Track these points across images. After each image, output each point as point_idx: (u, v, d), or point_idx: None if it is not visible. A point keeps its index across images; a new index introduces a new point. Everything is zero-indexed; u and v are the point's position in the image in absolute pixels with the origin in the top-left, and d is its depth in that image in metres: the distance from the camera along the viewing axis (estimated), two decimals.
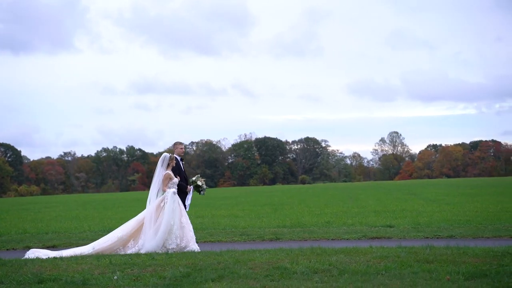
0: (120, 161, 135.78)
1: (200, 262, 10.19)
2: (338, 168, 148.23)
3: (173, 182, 13.22)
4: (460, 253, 10.39)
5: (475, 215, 21.48)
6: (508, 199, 30.52)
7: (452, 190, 45.59)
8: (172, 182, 13.21)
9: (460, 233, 15.94)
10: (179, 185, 13.49)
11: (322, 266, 9.43)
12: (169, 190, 13.09)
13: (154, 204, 13.03)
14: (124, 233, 12.88)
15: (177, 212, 12.94)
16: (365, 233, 16.63)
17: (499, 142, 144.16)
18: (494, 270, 8.74)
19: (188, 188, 13.89)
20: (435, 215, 22.03)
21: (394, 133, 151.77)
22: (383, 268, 9.19)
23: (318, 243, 13.26)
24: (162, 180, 13.20)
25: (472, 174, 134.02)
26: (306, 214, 24.47)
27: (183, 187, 13.69)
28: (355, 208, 27.92)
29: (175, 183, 13.26)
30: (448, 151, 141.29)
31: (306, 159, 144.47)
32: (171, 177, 13.22)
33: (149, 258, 10.94)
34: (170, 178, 13.20)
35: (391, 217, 21.79)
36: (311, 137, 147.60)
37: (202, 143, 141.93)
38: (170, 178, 13.21)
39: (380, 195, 42.39)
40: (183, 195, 13.71)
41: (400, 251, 10.71)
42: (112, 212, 31.53)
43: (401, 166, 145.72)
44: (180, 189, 13.54)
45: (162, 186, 13.18)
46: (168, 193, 13.05)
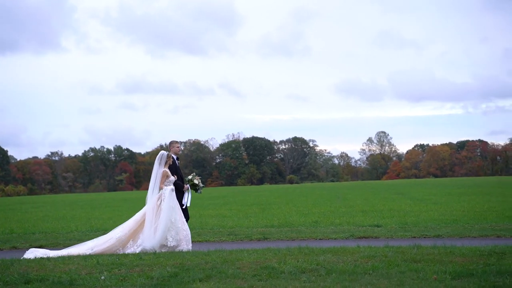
0: (108, 161, 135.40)
1: (188, 262, 10.17)
2: (325, 168, 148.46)
3: (169, 180, 13.21)
4: (447, 252, 10.43)
5: (462, 214, 21.58)
6: (494, 199, 30.67)
7: (439, 190, 45.77)
8: (169, 180, 13.21)
9: (447, 233, 16.01)
10: (176, 184, 13.47)
11: (310, 266, 9.44)
12: (167, 188, 13.09)
13: (152, 203, 13.03)
14: (123, 234, 12.84)
15: (176, 210, 12.95)
16: (352, 232, 16.67)
17: (486, 142, 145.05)
18: (481, 270, 8.77)
19: (185, 187, 13.87)
20: (422, 214, 22.11)
21: (381, 133, 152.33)
22: (370, 267, 9.21)
23: (305, 243, 13.28)
24: (158, 178, 13.17)
25: (459, 173, 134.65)
26: (293, 214, 24.50)
27: (179, 186, 13.67)
28: (342, 207, 27.97)
29: (171, 181, 13.25)
30: (435, 151, 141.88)
31: (294, 159, 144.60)
32: (168, 175, 13.22)
33: (136, 258, 10.92)
34: (167, 176, 13.20)
35: (378, 216, 21.85)
36: (298, 137, 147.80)
37: (190, 143, 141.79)
38: (167, 176, 13.21)
39: (367, 194, 42.50)
40: (180, 194, 13.70)
41: (388, 251, 10.74)
42: (100, 212, 31.44)
43: (389, 166, 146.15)
44: (177, 188, 13.52)
45: (159, 184, 13.15)
46: (166, 190, 13.05)
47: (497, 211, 22.61)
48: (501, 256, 9.91)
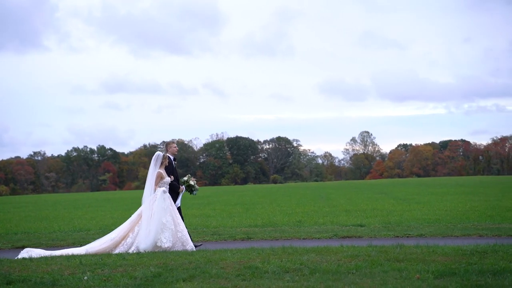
0: (91, 160, 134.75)
1: (171, 262, 10.15)
2: (309, 168, 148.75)
3: (164, 181, 13.17)
4: (429, 251, 10.48)
5: (445, 214, 21.69)
6: (477, 198, 30.86)
7: (422, 189, 45.99)
8: (164, 181, 13.17)
9: (430, 232, 16.08)
10: (172, 185, 13.44)
11: (293, 265, 9.45)
12: (159, 189, 13.05)
13: (146, 204, 13.01)
14: (117, 235, 12.86)
15: (168, 211, 12.90)
16: (336, 232, 16.70)
17: (468, 141, 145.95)
18: (463, 269, 8.82)
19: (181, 188, 13.85)
20: (405, 214, 22.20)
21: (365, 133, 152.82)
22: (353, 267, 9.23)
23: (289, 243, 13.30)
24: (153, 178, 13.16)
25: (442, 173, 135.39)
26: (277, 214, 24.51)
27: (175, 187, 13.65)
28: (326, 207, 28.02)
29: (166, 182, 13.21)
30: (418, 151, 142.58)
31: (278, 159, 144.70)
32: (162, 176, 13.17)
33: (120, 258, 10.88)
34: (161, 177, 13.16)
35: (362, 216, 21.91)
36: (282, 137, 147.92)
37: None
38: (162, 177, 13.16)
39: (351, 194, 42.62)
40: (176, 195, 13.69)
41: (371, 250, 10.77)
42: (83, 212, 31.30)
43: (372, 165, 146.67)
44: (173, 189, 13.49)
45: (153, 185, 13.13)
46: (158, 191, 13.01)
47: (479, 210, 22.75)
48: (483, 255, 9.98)
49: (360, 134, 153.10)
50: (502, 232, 15.63)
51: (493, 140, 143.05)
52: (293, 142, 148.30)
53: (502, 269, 8.73)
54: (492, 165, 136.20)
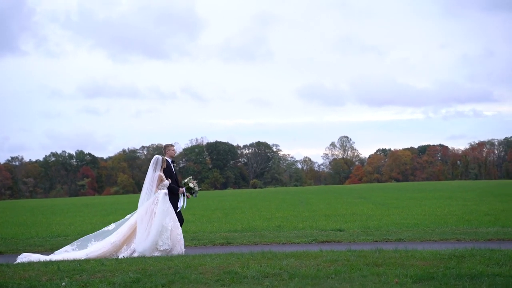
0: (69, 165, 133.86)
1: (150, 267, 10.11)
2: (289, 172, 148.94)
3: (163, 184, 13.23)
4: (408, 256, 10.53)
5: (423, 218, 21.82)
6: (455, 203, 31.09)
7: (401, 194, 46.21)
8: (163, 184, 13.22)
9: (408, 237, 16.16)
10: (171, 188, 13.50)
11: (273, 270, 9.45)
12: (160, 192, 13.10)
13: (145, 206, 13.01)
14: (117, 239, 12.86)
15: (168, 214, 12.94)
16: (315, 237, 16.73)
17: (447, 146, 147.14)
18: (441, 273, 8.88)
19: (180, 190, 13.87)
20: (384, 218, 22.31)
21: (344, 138, 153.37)
22: (333, 271, 9.26)
23: (269, 247, 13.29)
24: (154, 182, 13.17)
25: (420, 178, 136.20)
26: (257, 219, 24.52)
27: (174, 189, 13.68)
28: (305, 212, 28.07)
29: (165, 185, 13.26)
30: (397, 155, 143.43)
31: (257, 164, 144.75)
32: (162, 179, 13.23)
33: (98, 263, 10.81)
34: (161, 180, 13.20)
35: (341, 220, 21.98)
36: (262, 142, 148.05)
37: (153, 147, 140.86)
38: (161, 180, 13.21)
39: (330, 199, 42.72)
40: (175, 197, 13.71)
41: (350, 255, 10.80)
42: (61, 217, 31.06)
43: (351, 170, 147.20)
44: (172, 192, 13.53)
45: (155, 188, 13.14)
46: (159, 194, 13.06)
47: (457, 215, 22.92)
48: (460, 259, 10.05)
49: (339, 139, 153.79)
50: (480, 237, 15.75)
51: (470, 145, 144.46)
52: (273, 147, 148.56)
53: (480, 273, 8.80)
54: (470, 169, 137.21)
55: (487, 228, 18.02)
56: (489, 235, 15.99)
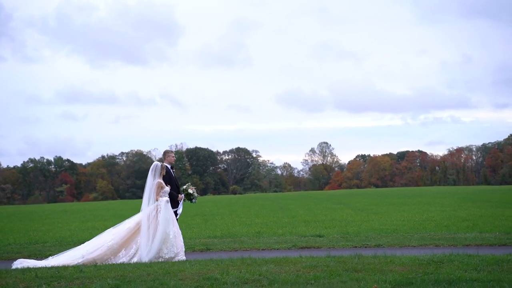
0: (48, 172, 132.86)
1: (129, 274, 10.06)
2: (268, 178, 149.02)
3: (164, 191, 13.21)
4: (387, 261, 10.58)
5: (402, 224, 21.91)
6: (433, 208, 31.26)
7: (380, 200, 46.40)
8: (164, 191, 13.20)
9: (388, 242, 16.22)
10: (170, 194, 13.46)
11: (252, 276, 9.44)
12: (162, 199, 13.07)
13: (147, 213, 12.97)
14: (114, 242, 12.75)
15: (171, 221, 12.93)
16: (295, 242, 16.74)
17: (425, 152, 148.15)
18: (420, 278, 8.92)
19: (180, 197, 13.84)
20: (363, 224, 22.37)
21: (323, 144, 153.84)
22: (312, 277, 9.27)
23: (248, 253, 13.27)
24: (153, 189, 13.14)
25: (399, 183, 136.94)
26: (236, 224, 24.49)
27: (174, 195, 13.65)
28: (285, 218, 28.08)
29: (166, 192, 13.25)
30: (376, 161, 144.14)
31: (237, 170, 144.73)
32: (162, 186, 13.21)
33: (76, 270, 10.73)
34: (161, 187, 13.18)
35: (320, 226, 22.01)
36: (242, 148, 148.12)
37: (132, 153, 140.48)
38: (162, 187, 13.19)
39: (310, 205, 42.77)
40: (175, 203, 13.69)
41: (329, 261, 10.83)
42: (39, 224, 30.81)
43: (331, 176, 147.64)
44: (172, 198, 13.50)
45: (154, 195, 13.10)
46: (161, 202, 13.04)
47: (436, 220, 23.04)
48: (439, 264, 10.11)
49: (319, 145, 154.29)
50: (458, 242, 15.84)
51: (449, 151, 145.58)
52: (253, 153, 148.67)
53: (458, 278, 8.86)
54: (448, 175, 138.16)
55: (465, 233, 18.13)
56: (467, 241, 16.09)
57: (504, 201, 38.16)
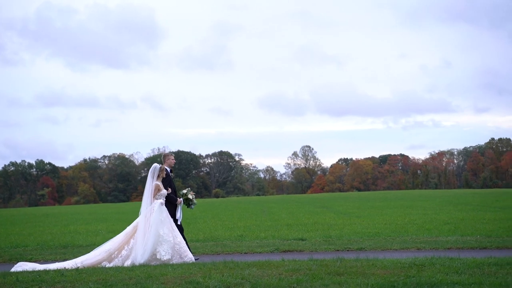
0: (29, 175, 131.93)
1: (111, 278, 10.02)
2: (251, 182, 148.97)
3: (161, 194, 13.20)
4: (369, 265, 10.61)
5: (384, 227, 22.01)
6: (415, 212, 31.42)
7: (362, 203, 46.53)
8: (160, 193, 13.19)
9: (370, 246, 16.28)
10: (170, 197, 13.44)
11: (235, 280, 9.44)
12: (156, 201, 13.06)
13: (142, 217, 13.00)
14: (112, 247, 12.83)
15: (166, 223, 12.88)
16: (277, 246, 16.75)
17: (407, 156, 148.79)
18: (402, 281, 8.96)
19: (178, 201, 13.77)
20: (345, 228, 22.43)
21: (306, 147, 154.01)
22: (294, 281, 9.28)
23: (231, 257, 13.28)
24: (152, 191, 13.16)
25: (382, 187, 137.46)
26: (219, 228, 24.47)
27: (173, 199, 13.60)
28: (268, 221, 28.10)
29: (163, 195, 13.23)
30: (359, 165, 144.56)
31: (220, 173, 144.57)
32: (159, 188, 13.22)
33: (58, 274, 10.67)
34: (158, 189, 13.17)
35: (303, 230, 22.04)
36: (224, 151, 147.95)
37: (114, 157, 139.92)
38: (159, 189, 13.20)
39: (292, 208, 42.81)
40: (173, 207, 13.63)
41: (312, 264, 10.84)
42: (20, 228, 30.60)
43: (313, 179, 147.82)
44: (170, 202, 13.45)
45: (152, 197, 13.13)
46: (155, 203, 13.01)
47: (418, 224, 23.16)
48: (420, 268, 10.16)
49: (301, 148, 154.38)
50: (439, 245, 15.94)
51: (431, 154, 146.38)
52: (235, 156, 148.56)
53: (439, 281, 8.90)
54: (430, 179, 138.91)
55: (447, 237, 18.25)
56: (449, 244, 16.20)
57: (485, 204, 38.42)
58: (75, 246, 19.19)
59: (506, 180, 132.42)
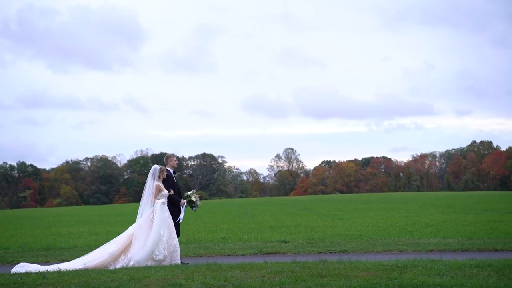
0: (10, 177, 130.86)
1: (94, 280, 9.97)
2: (234, 184, 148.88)
3: (162, 194, 13.19)
4: (352, 267, 10.64)
5: (367, 229, 22.07)
6: (397, 214, 31.54)
7: (345, 206, 46.63)
8: (162, 194, 13.19)
9: (352, 248, 16.33)
10: (173, 199, 13.45)
11: (218, 282, 9.43)
12: (158, 201, 13.06)
13: (145, 216, 12.99)
14: (115, 249, 12.78)
15: (166, 223, 12.88)
16: (260, 248, 16.77)
17: (390, 158, 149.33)
18: (384, 283, 9.00)
19: (182, 202, 13.75)
20: (328, 230, 22.48)
21: (289, 149, 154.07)
22: (277, 283, 9.28)
23: (213, 259, 13.28)
24: (152, 192, 13.15)
25: (364, 189, 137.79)
26: (202, 230, 24.43)
27: (176, 200, 13.60)
28: (251, 223, 28.09)
29: (164, 195, 13.22)
30: (341, 167, 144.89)
31: (203, 175, 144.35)
32: (160, 189, 13.21)
33: (40, 277, 10.60)
34: (160, 190, 13.16)
35: (286, 232, 22.06)
36: (207, 153, 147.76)
37: (97, 159, 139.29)
38: (160, 190, 13.18)
39: (275, 210, 42.81)
40: (176, 208, 13.58)
41: (294, 266, 10.86)
42: (1, 230, 30.36)
43: (296, 182, 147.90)
44: (173, 203, 13.45)
45: (152, 197, 13.11)
46: (157, 204, 13.02)
47: (400, 226, 23.26)
48: (403, 270, 10.20)
49: (284, 150, 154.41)
50: (421, 248, 16.02)
51: (413, 157, 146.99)
52: (218, 158, 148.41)
53: (421, 283, 8.95)
54: (412, 181, 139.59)
55: (429, 239, 18.34)
56: (431, 246, 16.28)
57: (466, 206, 38.66)
58: (57, 248, 19.08)
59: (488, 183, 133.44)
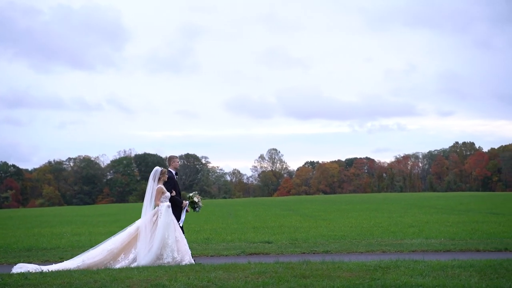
0: None
1: (76, 281, 9.93)
2: (218, 185, 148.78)
3: (165, 196, 13.15)
4: (335, 267, 10.67)
5: (350, 230, 22.13)
6: (380, 215, 31.65)
7: (328, 206, 46.71)
8: (165, 196, 13.15)
9: (335, 248, 16.37)
10: (175, 200, 13.40)
11: (201, 283, 9.42)
12: (163, 204, 13.02)
13: (147, 218, 12.93)
14: (114, 247, 12.72)
15: (171, 226, 12.87)
16: (244, 249, 16.77)
17: (373, 159, 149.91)
18: (367, 284, 9.03)
19: (184, 203, 13.70)
20: (311, 230, 22.51)
21: (273, 150, 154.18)
22: (261, 283, 9.29)
23: (197, 260, 13.28)
24: (154, 194, 13.09)
25: (348, 190, 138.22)
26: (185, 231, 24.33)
27: (178, 202, 13.56)
28: (234, 224, 28.08)
29: (167, 197, 13.18)
30: (325, 168, 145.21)
31: (186, 176, 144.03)
32: (163, 191, 13.14)
33: (21, 277, 10.54)
34: (162, 192, 13.11)
35: (269, 233, 22.07)
36: (191, 154, 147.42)
37: (79, 159, 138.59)
38: (163, 192, 13.13)
39: (259, 211, 42.81)
40: (178, 209, 13.55)
41: (278, 267, 10.87)
42: None
43: (280, 182, 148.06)
44: (175, 204, 13.40)
45: (155, 200, 13.06)
46: (162, 207, 12.98)
47: (383, 226, 23.34)
48: (385, 270, 10.24)
49: (268, 151, 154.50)
50: (404, 248, 16.09)
51: (396, 158, 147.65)
52: (202, 159, 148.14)
53: (404, 284, 8.99)
54: (395, 182, 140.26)
55: (412, 239, 18.43)
56: (413, 247, 16.36)
57: (449, 207, 38.88)
58: (40, 249, 18.97)
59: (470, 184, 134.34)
